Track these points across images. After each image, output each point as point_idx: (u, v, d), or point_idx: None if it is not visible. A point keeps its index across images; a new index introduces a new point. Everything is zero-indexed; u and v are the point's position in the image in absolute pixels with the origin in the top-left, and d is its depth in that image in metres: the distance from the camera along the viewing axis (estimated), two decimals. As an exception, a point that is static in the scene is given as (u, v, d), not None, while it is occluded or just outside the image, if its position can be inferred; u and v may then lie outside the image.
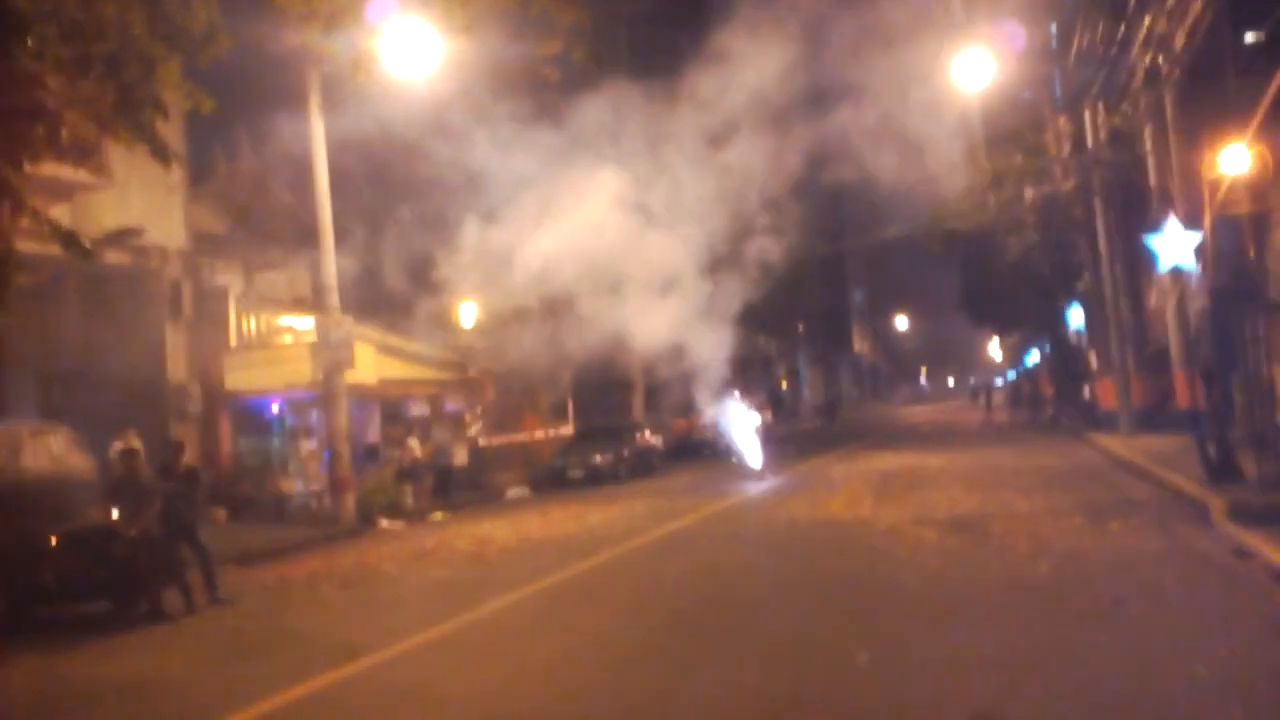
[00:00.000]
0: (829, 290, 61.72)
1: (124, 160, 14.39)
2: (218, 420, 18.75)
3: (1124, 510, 11.70)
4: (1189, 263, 16.06)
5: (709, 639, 7.47)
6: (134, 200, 16.71)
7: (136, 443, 10.61)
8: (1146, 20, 17.11)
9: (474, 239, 17.65)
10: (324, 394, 17.53)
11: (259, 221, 21.03)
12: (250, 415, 19.79)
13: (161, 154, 9.11)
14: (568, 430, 28.22)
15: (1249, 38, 22.99)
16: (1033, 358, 51.26)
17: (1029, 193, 26.71)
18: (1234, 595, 7.39)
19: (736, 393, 23.73)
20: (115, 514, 10.15)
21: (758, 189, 18.46)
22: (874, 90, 18.11)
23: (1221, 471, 12.13)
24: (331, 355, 17.13)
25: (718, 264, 18.93)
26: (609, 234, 17.81)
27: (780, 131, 18.29)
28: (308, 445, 19.48)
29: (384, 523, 17.07)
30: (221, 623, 9.69)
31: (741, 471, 20.89)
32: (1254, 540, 8.71)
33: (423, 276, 19.38)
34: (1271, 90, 14.00)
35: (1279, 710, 5.10)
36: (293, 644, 8.45)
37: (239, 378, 18.85)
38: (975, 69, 20.29)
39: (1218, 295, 13.94)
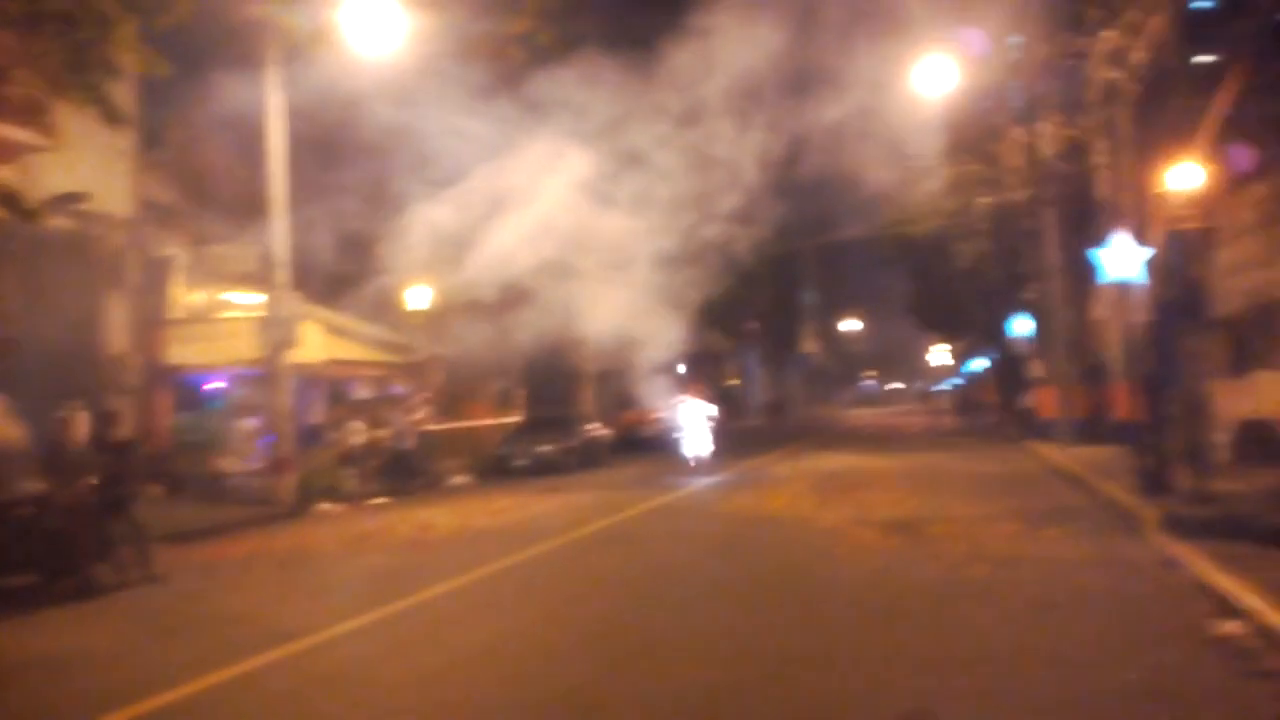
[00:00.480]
0: (781, 289, 62.02)
1: (73, 122, 13.99)
2: (157, 394, 18.38)
3: (1060, 517, 11.89)
4: (1135, 276, 16.38)
5: (648, 632, 7.46)
6: (81, 164, 16.25)
7: (78, 412, 10.38)
8: (1106, 35, 17.39)
9: (428, 219, 17.49)
10: (268, 372, 17.26)
11: (209, 193, 20.62)
12: (191, 390, 19.44)
13: (112, 117, 8.89)
14: (515, 419, 28.09)
15: (1201, 59, 23.43)
16: (978, 364, 51.97)
17: (983, 201, 27.05)
18: (1163, 605, 7.52)
19: (686, 388, 23.78)
20: (48, 484, 9.91)
21: (716, 183, 18.50)
22: (835, 91, 18.25)
23: (1155, 483, 12.37)
24: (277, 333, 16.87)
25: (673, 258, 18.95)
26: (565, 220, 17.77)
27: (740, 127, 18.36)
28: (249, 423, 19.17)
29: (324, 505, 16.87)
30: (152, 600, 9.50)
31: (688, 467, 20.94)
32: (1183, 552, 8.88)
33: (374, 256, 19.16)
34: (1219, 109, 14.33)
35: (1203, 719, 5.20)
36: (224, 624, 8.30)
37: (181, 351, 18.50)
38: (935, 75, 20.50)
39: (1160, 309, 14.23)
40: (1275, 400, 15.66)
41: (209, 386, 19.69)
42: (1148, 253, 16.23)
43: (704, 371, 40.96)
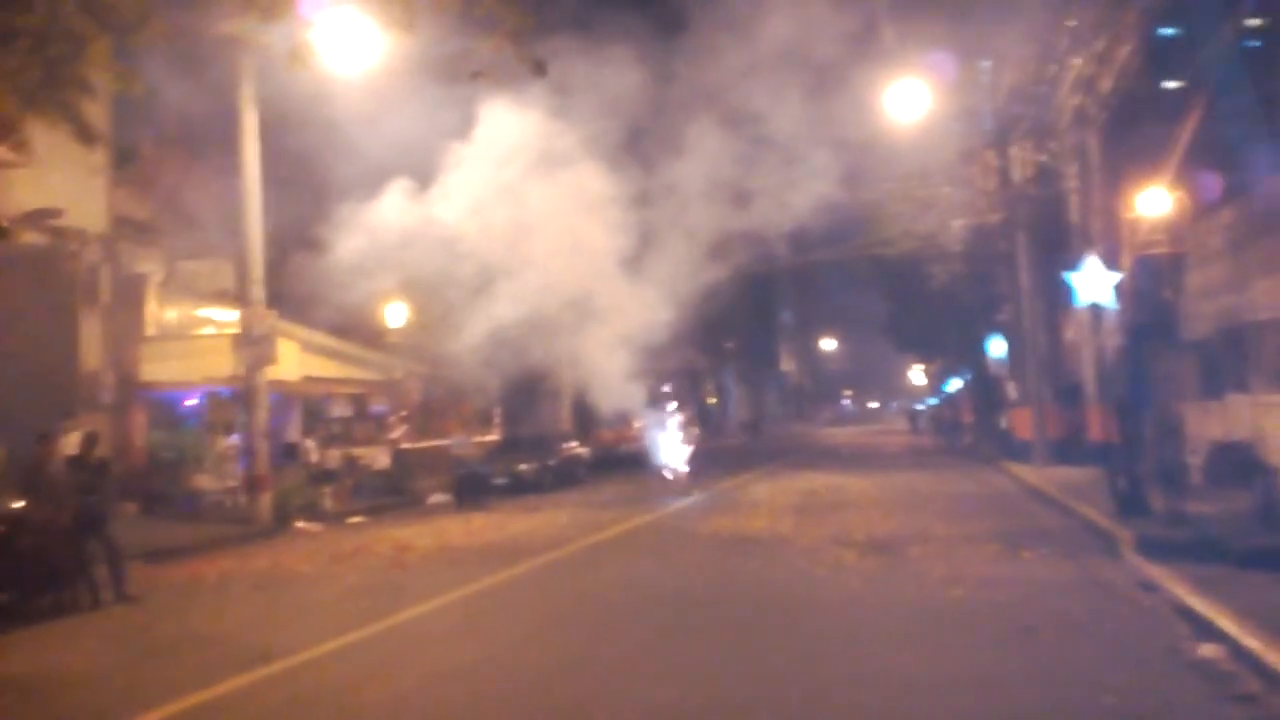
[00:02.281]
0: (759, 308, 62.32)
1: (45, 138, 13.86)
2: (131, 411, 18.18)
3: (1036, 539, 11.98)
4: (1107, 300, 16.56)
5: (628, 654, 7.44)
6: (54, 180, 16.12)
7: (61, 432, 10.29)
8: (1077, 62, 17.64)
9: (407, 236, 17.43)
10: (244, 389, 17.13)
11: (184, 209, 20.47)
12: (166, 408, 19.26)
13: (85, 135, 8.82)
14: (494, 437, 28.00)
15: (1169, 85, 23.81)
16: (953, 385, 52.35)
17: (956, 223, 27.31)
18: (1139, 627, 7.59)
19: (664, 406, 23.81)
20: (24, 503, 9.80)
21: (696, 201, 18.61)
22: (811, 113, 18.40)
23: (1130, 505, 12.50)
24: (254, 350, 16.76)
25: (653, 274, 18.98)
26: (544, 238, 17.78)
27: (720, 145, 18.46)
28: (225, 441, 19.00)
29: (301, 524, 16.73)
30: (128, 620, 9.39)
31: (666, 485, 20.94)
32: (1158, 573, 8.98)
33: (350, 273, 19.02)
34: (1187, 136, 14.57)
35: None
36: (201, 645, 8.22)
37: (156, 369, 18.31)
38: (908, 99, 20.72)
39: (1133, 333, 14.43)
40: (1246, 423, 15.88)
41: (186, 404, 19.51)
42: (1117, 277, 16.43)
43: (683, 390, 40.99)
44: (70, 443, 12.71)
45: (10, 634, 8.86)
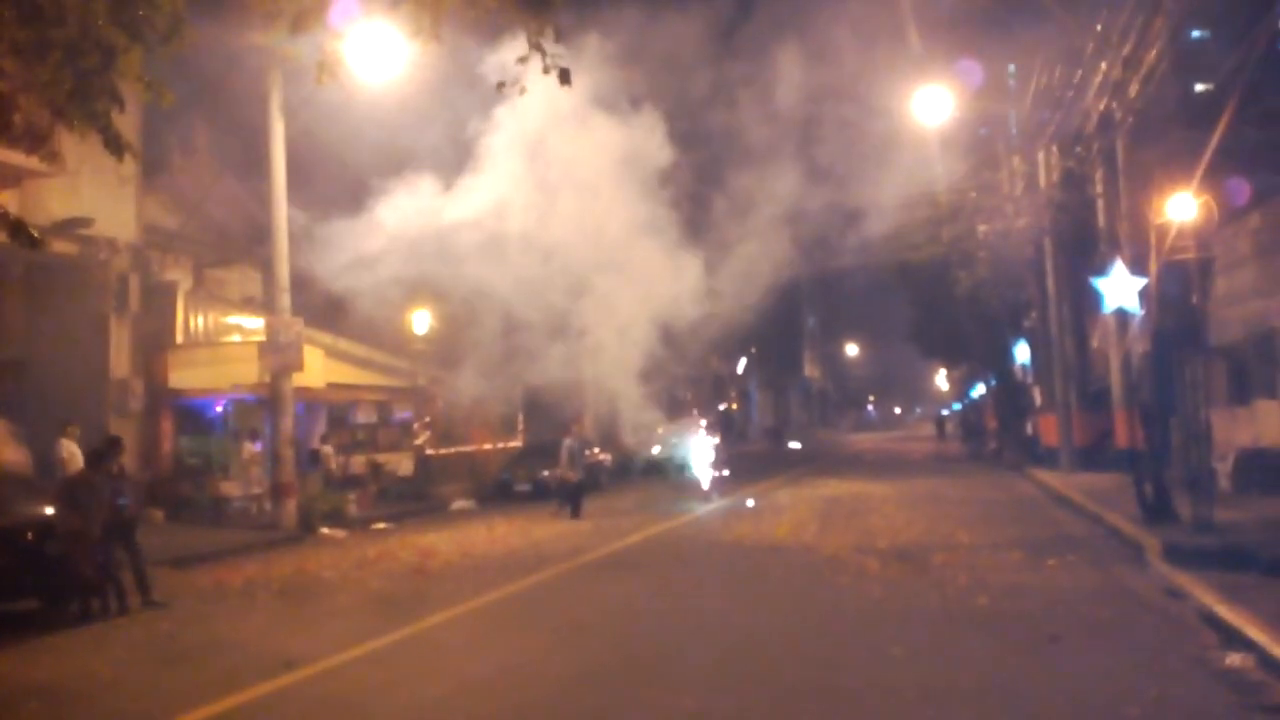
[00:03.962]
0: (781, 313, 62.09)
1: (76, 148, 14.05)
2: (159, 418, 18.37)
3: (1061, 546, 11.89)
4: (1133, 305, 16.42)
5: (651, 662, 7.44)
6: (84, 189, 16.37)
7: (75, 439, 10.37)
8: (1103, 66, 17.51)
9: (430, 241, 17.53)
10: (270, 396, 17.28)
11: (212, 218, 20.69)
12: (193, 414, 19.43)
13: (115, 145, 8.90)
14: (516, 444, 28.07)
15: (1198, 89, 23.58)
16: (978, 391, 52.04)
17: (981, 229, 27.15)
18: (1166, 635, 7.52)
19: (686, 413, 23.80)
20: (59, 511, 9.90)
21: (720, 208, 18.66)
22: (836, 119, 18.42)
23: (1157, 512, 12.40)
24: (280, 357, 16.90)
25: (675, 282, 19.01)
26: (567, 243, 17.85)
27: (743, 151, 18.50)
28: (250, 447, 19.17)
29: (326, 530, 16.83)
30: (153, 627, 9.47)
31: (688, 492, 20.93)
32: (1186, 581, 8.90)
33: (377, 279, 19.17)
34: (1216, 140, 14.40)
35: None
36: (226, 652, 8.29)
37: (183, 376, 18.48)
38: (934, 104, 20.67)
39: (1160, 338, 14.29)
40: (1274, 429, 15.71)
41: (213, 410, 19.68)
42: (1141, 282, 16.31)
43: (705, 396, 40.94)
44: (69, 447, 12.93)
45: (37, 641, 8.96)
